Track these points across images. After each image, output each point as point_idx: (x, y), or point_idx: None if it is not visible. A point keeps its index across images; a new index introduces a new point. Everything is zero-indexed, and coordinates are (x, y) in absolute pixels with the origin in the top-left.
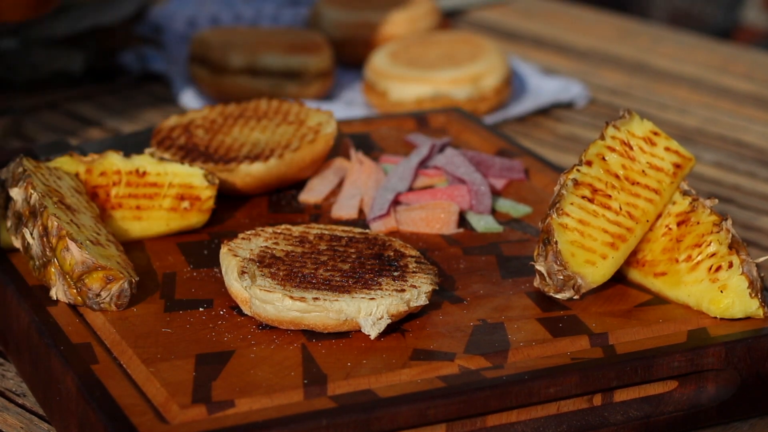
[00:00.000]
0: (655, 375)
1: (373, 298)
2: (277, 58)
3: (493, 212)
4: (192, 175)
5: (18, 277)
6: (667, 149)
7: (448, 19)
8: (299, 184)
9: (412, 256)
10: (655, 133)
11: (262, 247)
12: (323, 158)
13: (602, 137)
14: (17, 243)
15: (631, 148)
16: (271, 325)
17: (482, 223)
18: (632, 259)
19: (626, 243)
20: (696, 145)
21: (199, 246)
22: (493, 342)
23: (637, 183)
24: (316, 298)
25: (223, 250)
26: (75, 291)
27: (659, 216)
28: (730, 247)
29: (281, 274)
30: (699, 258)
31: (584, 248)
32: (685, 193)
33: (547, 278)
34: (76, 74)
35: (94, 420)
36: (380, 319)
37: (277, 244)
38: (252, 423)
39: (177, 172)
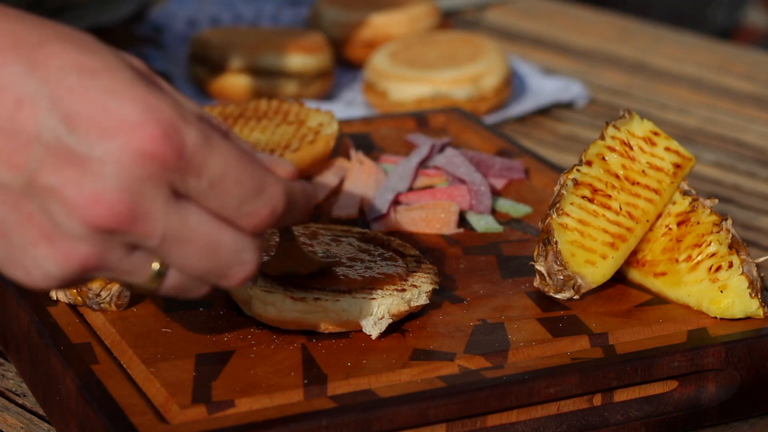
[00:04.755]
0: (655, 375)
1: (374, 298)
2: (277, 58)
3: (493, 212)
4: None
5: None
6: (667, 149)
7: (448, 19)
8: None
9: (412, 256)
10: (655, 133)
11: None
12: (323, 159)
13: (602, 137)
14: None
15: (631, 148)
16: (271, 325)
17: (482, 223)
18: (632, 259)
19: (626, 243)
20: (696, 145)
21: None
22: (493, 342)
23: (637, 183)
24: (317, 299)
25: None
26: (75, 291)
27: (659, 216)
28: (730, 247)
29: None
30: (699, 258)
31: (584, 248)
32: (685, 193)
33: (547, 278)
34: None
35: (94, 420)
36: (381, 318)
37: None
38: (252, 423)
39: None
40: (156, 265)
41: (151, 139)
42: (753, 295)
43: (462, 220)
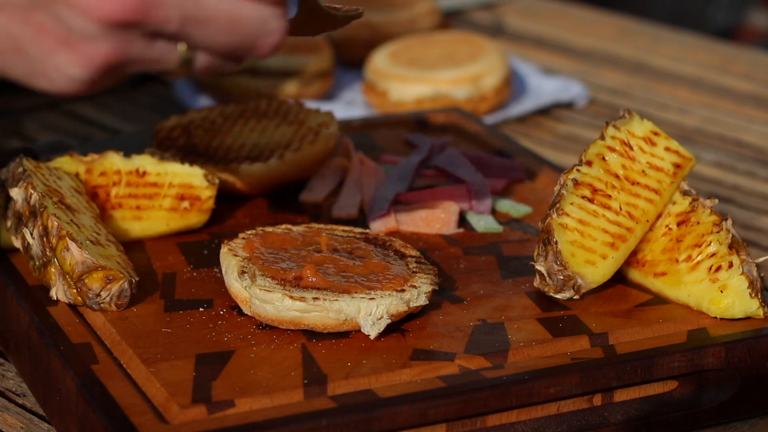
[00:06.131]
0: (655, 375)
1: (373, 298)
2: (277, 58)
3: (493, 212)
4: (192, 175)
5: (18, 277)
6: (667, 149)
7: (448, 19)
8: (299, 184)
9: (412, 256)
10: (655, 133)
11: None
12: (324, 159)
13: (602, 137)
14: (17, 243)
15: (631, 148)
16: (271, 325)
17: (482, 223)
18: (632, 259)
19: (626, 243)
20: (696, 145)
21: (199, 246)
22: (493, 342)
23: (637, 183)
24: (316, 298)
25: (223, 250)
26: (75, 291)
27: (659, 216)
28: (730, 247)
29: None
30: (699, 258)
31: (584, 248)
32: (685, 193)
33: (547, 278)
34: None
35: (94, 420)
36: (380, 319)
37: None
38: (252, 423)
39: (177, 172)
40: (182, 48)
41: None
42: (753, 295)
43: (462, 220)
